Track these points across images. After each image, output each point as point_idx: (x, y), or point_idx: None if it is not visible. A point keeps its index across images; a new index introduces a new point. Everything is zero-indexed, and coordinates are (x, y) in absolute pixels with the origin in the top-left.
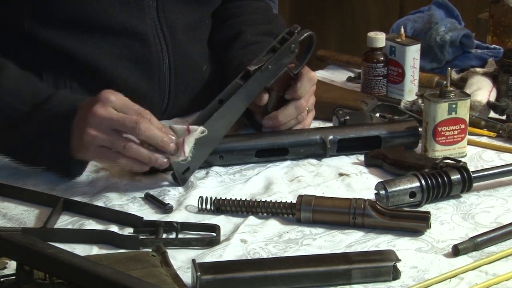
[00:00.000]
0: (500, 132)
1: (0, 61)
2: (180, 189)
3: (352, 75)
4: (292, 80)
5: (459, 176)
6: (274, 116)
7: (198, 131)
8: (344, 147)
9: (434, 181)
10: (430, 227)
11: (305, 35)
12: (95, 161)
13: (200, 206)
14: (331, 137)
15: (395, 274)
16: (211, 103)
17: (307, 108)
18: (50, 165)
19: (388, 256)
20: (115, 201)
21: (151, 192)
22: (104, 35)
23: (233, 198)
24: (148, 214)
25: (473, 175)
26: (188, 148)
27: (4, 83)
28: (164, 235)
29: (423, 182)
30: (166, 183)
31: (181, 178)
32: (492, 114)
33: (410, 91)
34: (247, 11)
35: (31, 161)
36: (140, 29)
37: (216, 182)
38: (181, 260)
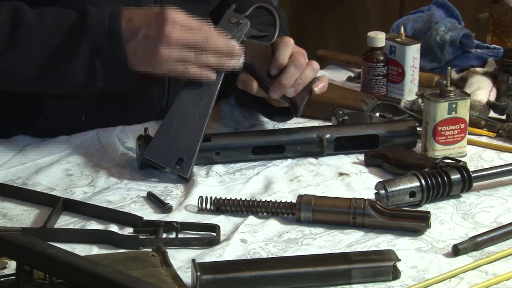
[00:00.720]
0: (500, 131)
1: (13, 5)
2: (182, 188)
3: (352, 74)
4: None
5: (459, 175)
6: (277, 83)
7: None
8: (342, 146)
9: (434, 181)
10: (430, 227)
11: (252, 8)
12: (164, 73)
13: (200, 206)
14: (328, 135)
15: (395, 274)
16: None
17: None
18: (106, 87)
19: (388, 256)
20: (115, 201)
21: (153, 191)
22: None
23: (233, 198)
24: (148, 214)
25: (473, 175)
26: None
27: (29, 22)
28: (164, 235)
29: (423, 181)
30: (167, 182)
31: (179, 171)
32: (492, 114)
33: (410, 91)
34: (247, 4)
35: (87, 87)
36: None
37: (216, 182)
38: (181, 260)
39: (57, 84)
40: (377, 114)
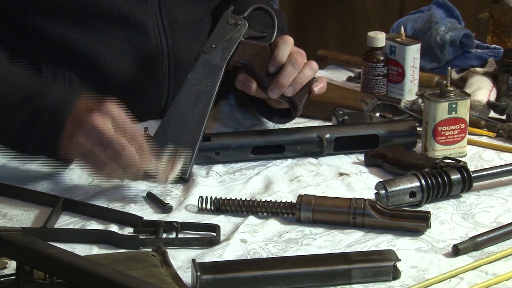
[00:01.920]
0: (500, 131)
1: None
2: (182, 188)
3: (352, 74)
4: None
5: (459, 175)
6: (276, 82)
7: (182, 157)
8: (342, 146)
9: (434, 181)
10: (430, 227)
11: (250, 9)
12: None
13: (200, 206)
14: (328, 135)
15: (395, 274)
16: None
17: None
18: (37, 155)
19: (388, 256)
20: (115, 201)
21: (153, 191)
22: (107, 27)
23: (233, 198)
24: (148, 214)
25: (473, 175)
26: (174, 174)
27: None
28: (164, 235)
29: (423, 181)
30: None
31: (181, 172)
32: (492, 114)
33: (410, 91)
34: (247, 5)
35: (20, 148)
36: (142, 21)
37: (216, 182)
38: (181, 260)
39: None
40: (377, 114)
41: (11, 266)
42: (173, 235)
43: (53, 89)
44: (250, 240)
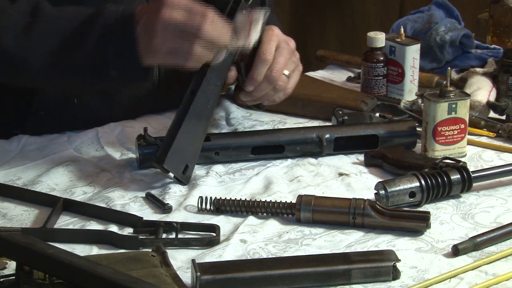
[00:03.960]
0: (500, 132)
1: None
2: (181, 188)
3: (352, 75)
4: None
5: (459, 176)
6: (249, 77)
7: (261, 16)
8: (341, 146)
9: (434, 181)
10: (430, 227)
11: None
12: (163, 64)
13: (200, 206)
14: (328, 135)
15: (395, 274)
16: (185, 96)
17: (285, 73)
18: (119, 75)
19: (388, 256)
20: (115, 201)
21: (152, 191)
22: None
23: (233, 198)
24: (148, 214)
25: (473, 175)
26: (255, 35)
27: (47, 13)
28: (164, 235)
29: (422, 182)
30: (167, 182)
31: (183, 178)
32: (492, 114)
33: (410, 91)
34: None
35: (100, 76)
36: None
37: (215, 182)
38: (181, 260)
39: (69, 72)
40: (377, 114)
41: (11, 266)
42: (173, 236)
43: (106, 7)
44: (250, 240)
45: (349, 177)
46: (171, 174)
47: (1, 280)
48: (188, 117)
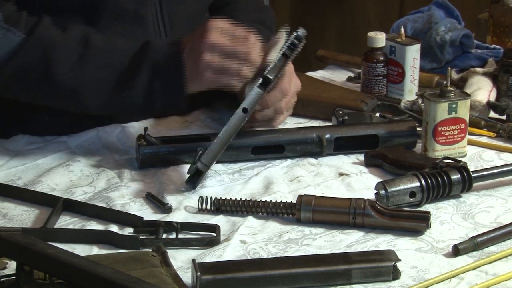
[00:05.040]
0: (500, 132)
1: (84, 29)
2: (181, 188)
3: (352, 75)
4: None
5: (459, 176)
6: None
7: (283, 38)
8: (342, 146)
9: (434, 181)
10: (430, 227)
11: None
12: (210, 86)
13: (200, 206)
14: (328, 135)
15: (395, 274)
16: (236, 112)
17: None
18: (163, 106)
19: (388, 256)
20: (115, 201)
21: (152, 191)
22: (109, 22)
23: (233, 198)
24: (148, 214)
25: (473, 175)
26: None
27: (97, 44)
28: (164, 235)
29: (423, 182)
30: (167, 182)
31: (197, 183)
32: (492, 114)
33: (410, 91)
34: (243, 6)
35: (145, 110)
36: (142, 15)
37: (215, 182)
38: (181, 260)
39: (119, 107)
40: (377, 114)
41: (11, 266)
42: (173, 235)
43: (153, 40)
44: (250, 240)
45: (349, 177)
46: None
47: (1, 280)
48: (237, 135)
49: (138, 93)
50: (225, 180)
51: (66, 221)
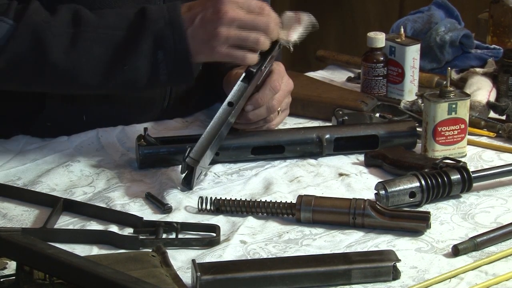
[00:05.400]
0: (500, 132)
1: (73, 7)
2: (181, 189)
3: (352, 75)
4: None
5: (459, 176)
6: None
7: (306, 20)
8: (341, 146)
9: (434, 181)
10: (430, 227)
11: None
12: (221, 59)
13: (200, 206)
14: (327, 135)
15: (395, 274)
16: (222, 107)
17: (279, 109)
18: (169, 76)
19: (388, 256)
20: (115, 201)
21: (152, 191)
22: None
23: (233, 199)
24: (148, 214)
25: (473, 175)
26: (295, 35)
27: (89, 21)
28: (164, 235)
29: (423, 182)
30: (167, 182)
31: (192, 183)
32: (492, 114)
33: (410, 91)
34: None
35: (149, 81)
36: None
37: (215, 183)
38: (181, 260)
39: (121, 82)
40: (377, 115)
41: (11, 266)
42: (173, 236)
43: (148, 8)
44: (250, 240)
45: (349, 177)
46: (179, 176)
47: (1, 280)
48: (223, 128)
49: (140, 65)
50: (225, 181)
51: (66, 221)
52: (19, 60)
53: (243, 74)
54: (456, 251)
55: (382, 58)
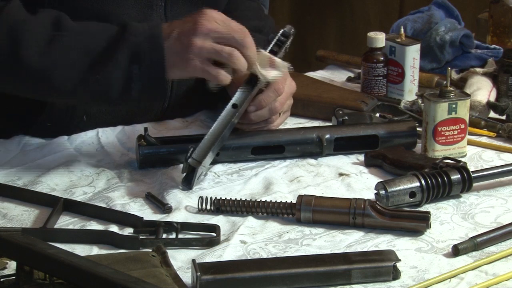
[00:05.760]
0: (500, 132)
1: (55, 12)
2: (181, 189)
3: (352, 75)
4: None
5: (459, 176)
6: (246, 115)
7: (282, 66)
8: (342, 146)
9: (434, 181)
10: (430, 227)
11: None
12: (196, 75)
13: (200, 206)
14: (328, 135)
15: (395, 274)
16: (226, 108)
17: (281, 111)
18: (141, 92)
19: (388, 256)
20: (115, 201)
21: (152, 191)
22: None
23: (233, 198)
24: (148, 214)
25: (473, 175)
26: (269, 75)
27: (69, 27)
28: (164, 235)
29: (423, 182)
30: (167, 182)
31: (193, 183)
32: (492, 114)
33: (410, 91)
34: (240, 7)
35: (122, 94)
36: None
37: (215, 183)
38: (181, 260)
39: (93, 91)
40: (377, 115)
41: (11, 266)
42: (173, 236)
43: (131, 24)
44: (250, 240)
45: (349, 177)
46: (181, 175)
47: (1, 280)
48: (227, 129)
49: (114, 77)
50: (225, 181)
51: (66, 221)
52: None
53: (248, 78)
54: (456, 251)
55: (382, 58)
